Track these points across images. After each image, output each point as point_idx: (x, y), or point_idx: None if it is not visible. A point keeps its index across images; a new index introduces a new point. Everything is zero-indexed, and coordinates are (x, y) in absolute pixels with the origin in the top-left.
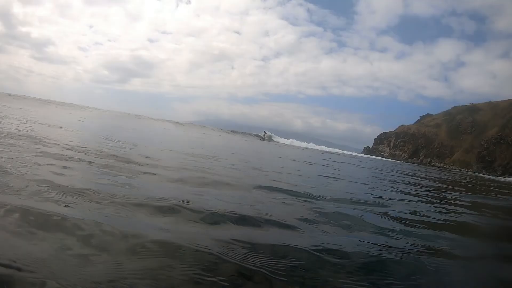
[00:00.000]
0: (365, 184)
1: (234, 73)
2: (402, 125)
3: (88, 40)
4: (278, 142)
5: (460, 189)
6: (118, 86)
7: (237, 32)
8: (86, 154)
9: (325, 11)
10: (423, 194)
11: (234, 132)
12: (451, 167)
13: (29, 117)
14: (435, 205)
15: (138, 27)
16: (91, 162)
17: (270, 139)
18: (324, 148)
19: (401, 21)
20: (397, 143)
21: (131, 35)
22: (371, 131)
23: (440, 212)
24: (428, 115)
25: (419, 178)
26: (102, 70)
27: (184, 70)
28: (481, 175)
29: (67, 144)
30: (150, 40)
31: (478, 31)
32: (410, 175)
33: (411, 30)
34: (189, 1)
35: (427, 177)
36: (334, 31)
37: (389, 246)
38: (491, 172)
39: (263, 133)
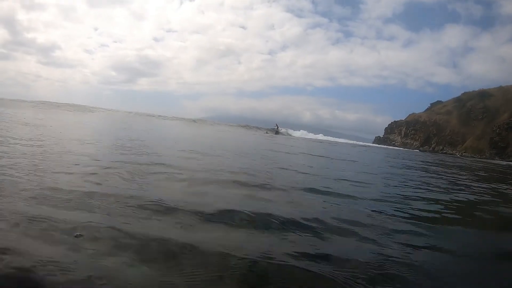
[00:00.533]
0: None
1: (241, 68)
2: (413, 113)
3: (94, 43)
4: (290, 135)
5: None
6: (125, 86)
7: (242, 27)
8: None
9: (330, 1)
10: None
11: (246, 126)
12: (463, 154)
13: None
14: None
15: (143, 26)
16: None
17: (282, 132)
18: (336, 139)
19: (407, 8)
20: (408, 131)
21: (136, 35)
22: (381, 121)
23: None
24: (439, 102)
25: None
26: (110, 71)
27: (191, 67)
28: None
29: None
30: (156, 39)
31: (485, 16)
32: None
33: (418, 17)
34: None
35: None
36: (340, 21)
37: None
38: (504, 158)
39: (276, 126)
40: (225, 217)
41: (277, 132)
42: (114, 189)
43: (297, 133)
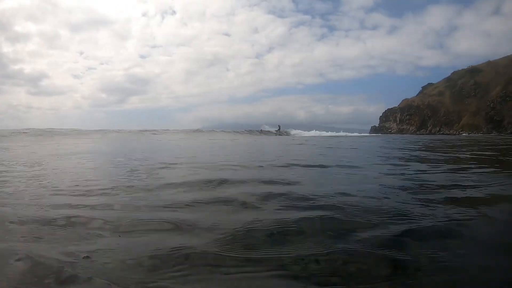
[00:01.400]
0: None
1: (230, 75)
2: (406, 98)
3: (81, 67)
4: (293, 134)
5: None
6: (117, 107)
7: (227, 34)
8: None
9: None
10: None
11: (250, 131)
12: (460, 132)
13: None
14: None
15: (128, 45)
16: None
17: (284, 132)
18: (339, 133)
19: None
20: (403, 117)
21: (122, 55)
22: (375, 110)
23: None
24: (430, 84)
25: None
26: (100, 93)
27: (180, 80)
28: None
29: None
30: (142, 57)
31: None
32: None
33: (399, 3)
34: (174, 12)
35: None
36: (323, 16)
37: None
38: (502, 131)
39: (278, 127)
40: None
41: (279, 134)
42: None
43: (298, 132)
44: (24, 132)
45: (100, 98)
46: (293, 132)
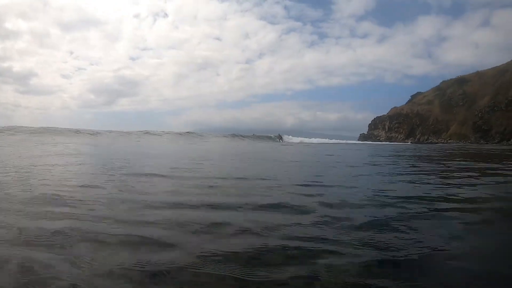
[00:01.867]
0: None
1: (220, 80)
2: (394, 107)
3: (70, 67)
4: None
5: None
6: (106, 108)
7: (218, 39)
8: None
9: (302, 5)
10: None
11: (243, 136)
12: (448, 141)
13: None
14: None
15: (118, 47)
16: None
17: (284, 140)
18: (334, 140)
19: (378, 4)
20: (391, 125)
21: (112, 56)
22: (362, 118)
23: None
24: (419, 93)
25: None
26: (88, 94)
27: (170, 83)
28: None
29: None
30: (132, 59)
31: (455, 4)
32: None
33: (389, 12)
34: (166, 15)
35: None
36: (314, 23)
37: None
38: (489, 140)
39: (279, 136)
40: None
41: (280, 141)
42: None
43: (297, 139)
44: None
45: (89, 99)
46: (295, 140)
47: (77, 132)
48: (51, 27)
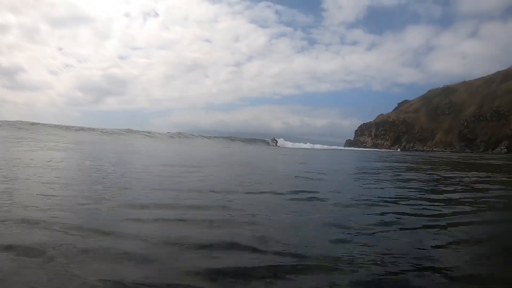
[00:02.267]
0: None
1: (208, 82)
2: (381, 114)
3: (58, 63)
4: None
5: None
6: (93, 107)
7: (208, 41)
8: None
9: (294, 10)
10: None
11: (232, 139)
12: (434, 149)
13: None
14: None
15: (108, 45)
16: None
17: (277, 144)
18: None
19: (369, 12)
20: (378, 132)
21: (101, 54)
22: (349, 124)
23: None
24: (406, 101)
25: None
26: (76, 92)
27: (159, 84)
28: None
29: None
30: (121, 57)
31: (444, 15)
32: None
33: (379, 21)
34: (157, 14)
35: None
36: (304, 29)
37: None
38: (474, 149)
39: (274, 140)
40: None
41: (275, 144)
42: None
43: (291, 144)
44: None
45: (76, 97)
46: (290, 144)
47: (66, 128)
48: (41, 22)
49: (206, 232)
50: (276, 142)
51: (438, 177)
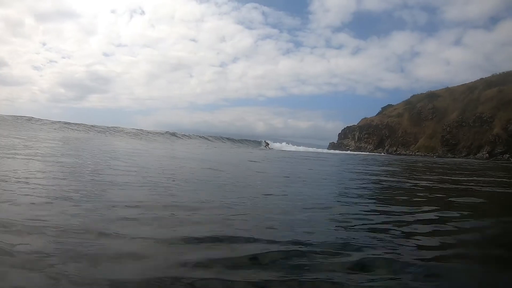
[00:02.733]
0: None
1: (193, 81)
2: (365, 117)
3: (42, 59)
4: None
5: None
6: (75, 104)
7: (194, 40)
8: None
9: (280, 12)
10: None
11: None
12: (416, 153)
13: None
14: None
15: (92, 41)
16: None
17: (269, 147)
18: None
19: (355, 17)
20: (361, 135)
21: (85, 50)
22: (333, 127)
23: None
24: (389, 105)
25: None
26: (58, 88)
27: (142, 82)
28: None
29: None
30: (105, 54)
31: (429, 22)
32: None
33: (365, 26)
34: (143, 12)
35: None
36: (290, 31)
37: None
38: (456, 154)
39: (265, 143)
40: None
41: (267, 147)
42: None
43: (279, 146)
44: None
45: (59, 93)
46: (278, 146)
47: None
48: (26, 16)
49: None
50: (268, 144)
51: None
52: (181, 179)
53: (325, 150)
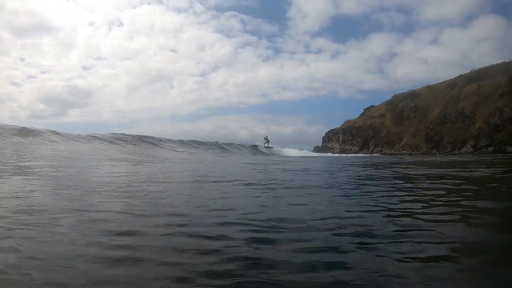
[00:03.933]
0: None
1: (174, 92)
2: (348, 120)
3: (20, 74)
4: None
5: None
6: (56, 119)
7: (173, 50)
8: None
9: (259, 20)
10: None
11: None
12: (401, 152)
13: None
14: None
15: (71, 55)
16: None
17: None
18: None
19: (333, 21)
20: (345, 138)
21: (64, 65)
22: (315, 131)
23: None
24: (372, 106)
25: None
26: (38, 104)
27: (123, 95)
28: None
29: None
30: (85, 68)
31: (406, 23)
32: None
33: (344, 29)
34: (122, 24)
35: None
36: (269, 38)
37: None
38: (441, 150)
39: (265, 140)
40: None
41: (267, 145)
42: None
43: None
44: None
45: (39, 109)
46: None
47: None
48: (3, 31)
49: None
50: (268, 142)
51: None
52: None
53: (317, 154)
